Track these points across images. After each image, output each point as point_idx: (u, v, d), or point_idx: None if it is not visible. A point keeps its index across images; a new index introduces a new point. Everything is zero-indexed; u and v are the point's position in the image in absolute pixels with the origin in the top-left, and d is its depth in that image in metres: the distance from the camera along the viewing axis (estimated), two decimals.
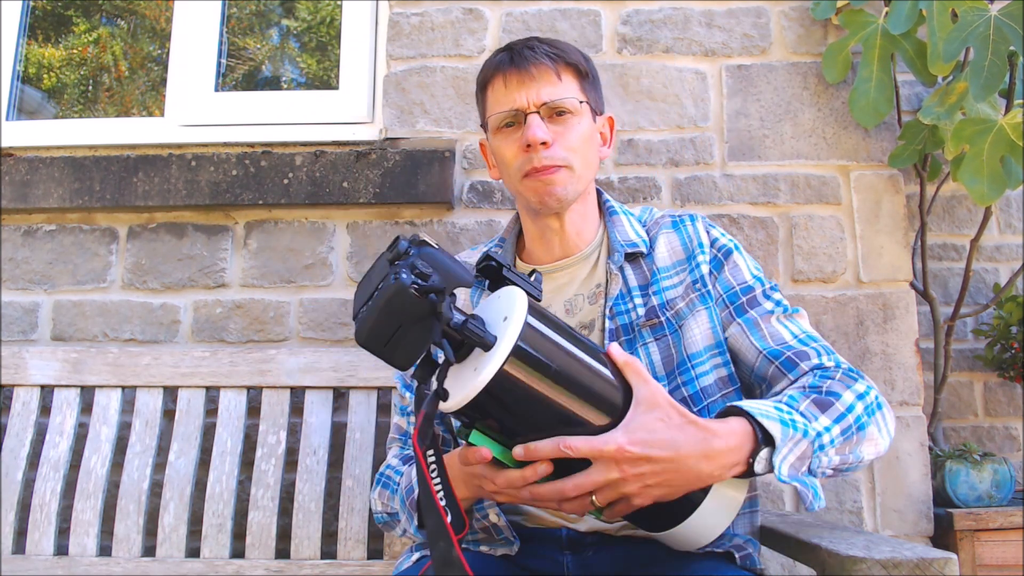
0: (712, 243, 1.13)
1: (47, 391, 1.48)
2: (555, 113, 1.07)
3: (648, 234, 1.15)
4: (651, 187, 1.66)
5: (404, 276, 0.77)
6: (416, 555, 1.09)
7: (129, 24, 2.12)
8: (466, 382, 0.79)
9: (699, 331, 1.06)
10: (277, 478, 1.41)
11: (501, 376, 0.78)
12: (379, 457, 1.32)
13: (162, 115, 1.84)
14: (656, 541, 1.05)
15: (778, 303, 1.08)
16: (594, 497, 0.83)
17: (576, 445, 0.81)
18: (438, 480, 0.83)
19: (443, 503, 0.82)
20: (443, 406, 0.80)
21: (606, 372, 0.86)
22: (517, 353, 0.79)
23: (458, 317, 0.79)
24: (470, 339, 0.79)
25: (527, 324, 0.80)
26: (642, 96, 1.70)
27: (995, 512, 1.49)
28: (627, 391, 0.86)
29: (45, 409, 1.48)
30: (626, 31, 1.72)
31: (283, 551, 1.40)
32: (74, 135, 1.79)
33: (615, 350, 0.89)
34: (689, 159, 1.67)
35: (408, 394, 1.17)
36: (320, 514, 1.39)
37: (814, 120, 1.67)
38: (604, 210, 1.18)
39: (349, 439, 1.43)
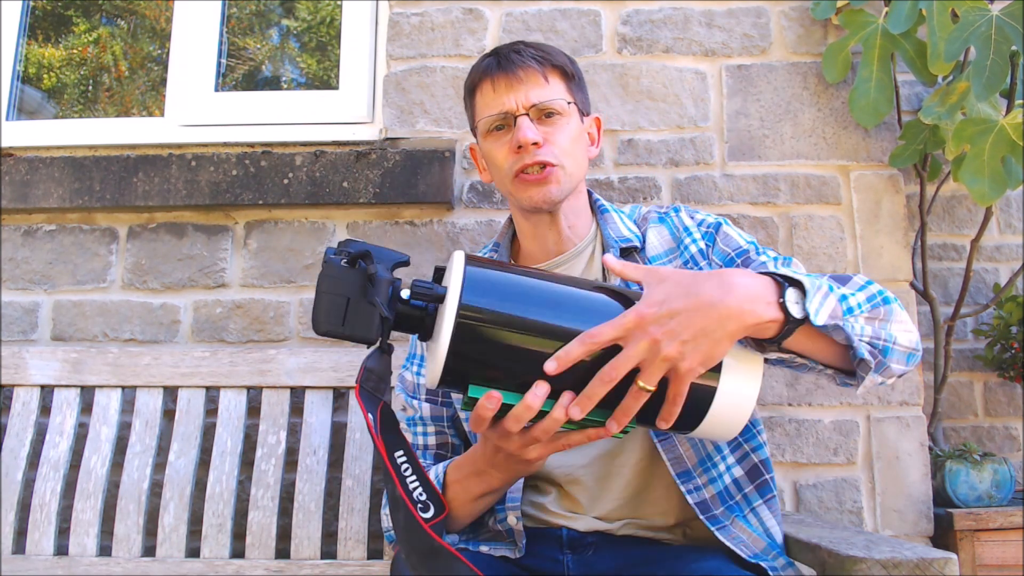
0: (699, 224, 1.15)
1: (47, 391, 1.48)
2: (544, 115, 1.09)
3: (639, 229, 1.17)
4: (651, 187, 1.66)
5: (331, 255, 0.82)
6: None
7: (129, 24, 2.12)
8: (438, 348, 0.79)
9: None
10: (277, 478, 1.41)
11: (463, 322, 0.77)
12: (379, 457, 1.32)
13: (162, 115, 1.84)
14: (657, 541, 1.06)
15: (775, 258, 1.09)
16: (641, 382, 0.79)
17: (598, 331, 0.79)
18: (409, 472, 0.85)
19: (415, 491, 0.84)
20: (426, 383, 0.82)
21: (588, 283, 0.86)
22: (471, 289, 0.78)
23: (403, 287, 0.81)
24: (422, 296, 0.80)
25: (469, 262, 0.80)
26: (642, 96, 1.70)
27: (995, 512, 1.49)
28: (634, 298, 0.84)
29: (45, 409, 1.48)
30: (626, 31, 1.72)
31: (283, 551, 1.40)
32: (74, 135, 1.79)
33: (609, 260, 0.89)
34: (689, 159, 1.67)
35: (416, 402, 1.17)
36: (320, 514, 1.39)
37: (814, 120, 1.67)
38: (595, 208, 1.20)
39: (349, 439, 1.43)
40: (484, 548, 1.06)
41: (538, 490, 1.10)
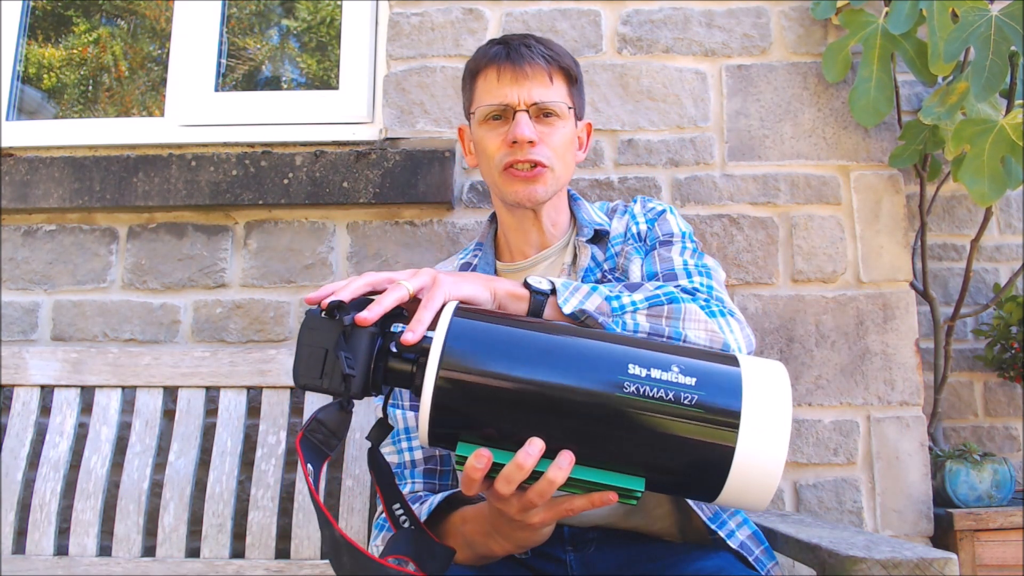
0: (647, 212, 1.19)
1: (47, 391, 1.48)
2: (543, 114, 1.09)
3: (608, 218, 1.21)
4: (651, 187, 1.66)
5: (313, 309, 0.79)
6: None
7: (129, 24, 2.12)
8: (423, 404, 0.74)
9: (634, 276, 1.10)
10: (277, 478, 1.41)
11: (446, 377, 0.73)
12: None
13: (162, 115, 1.84)
14: (658, 538, 1.06)
15: (694, 251, 1.12)
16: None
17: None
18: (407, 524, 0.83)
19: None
20: (420, 441, 0.77)
21: (581, 332, 0.81)
22: (455, 340, 0.74)
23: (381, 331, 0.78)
24: (407, 349, 0.77)
25: (458, 313, 0.77)
26: (642, 96, 1.70)
27: (995, 512, 1.49)
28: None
29: (45, 409, 1.48)
30: (626, 31, 1.72)
31: (283, 551, 1.40)
32: (74, 135, 1.79)
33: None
34: (689, 159, 1.67)
35: (399, 412, 1.12)
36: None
37: (814, 120, 1.67)
38: (571, 200, 1.23)
39: (349, 439, 1.43)
40: None
41: None
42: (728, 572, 0.93)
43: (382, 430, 0.85)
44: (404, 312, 0.82)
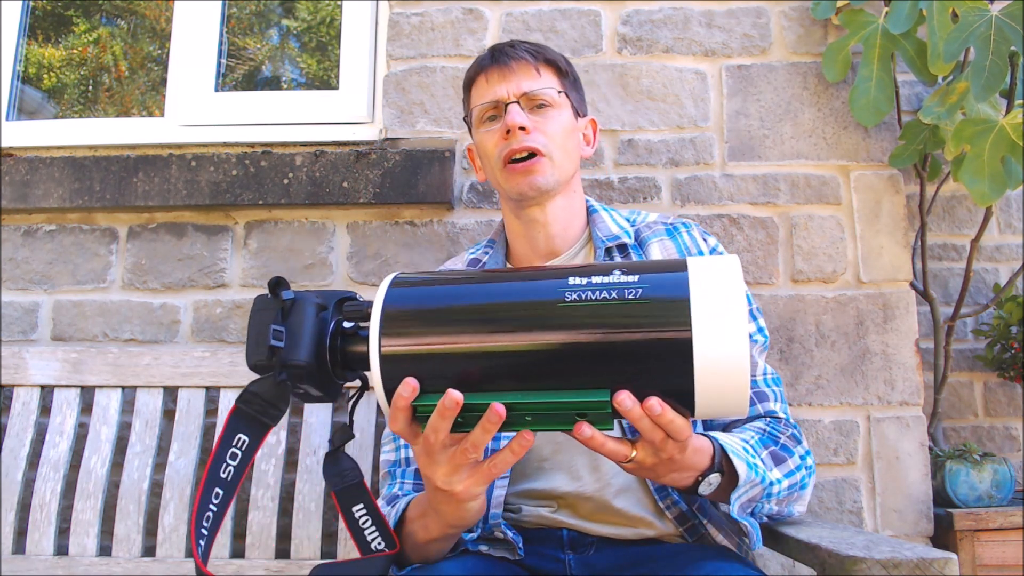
0: (712, 252, 1.14)
1: (47, 391, 1.48)
2: (535, 105, 1.09)
3: (638, 236, 1.15)
4: (651, 187, 1.66)
5: (262, 294, 0.80)
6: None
7: (129, 24, 2.12)
8: (374, 378, 0.74)
9: None
10: (277, 478, 1.41)
11: (389, 347, 0.71)
12: (379, 458, 1.32)
13: (162, 115, 1.84)
14: (658, 540, 1.05)
15: (760, 329, 1.12)
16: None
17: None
18: (368, 523, 0.86)
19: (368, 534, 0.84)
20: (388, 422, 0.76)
21: (521, 274, 0.78)
22: (392, 305, 0.72)
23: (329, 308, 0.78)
24: (353, 315, 0.78)
25: (395, 281, 0.76)
26: (642, 96, 1.69)
27: (995, 512, 1.49)
28: None
29: (45, 409, 1.48)
30: (626, 31, 1.72)
31: (283, 551, 1.40)
32: (74, 135, 1.79)
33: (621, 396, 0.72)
34: (689, 159, 1.67)
35: None
36: (320, 514, 1.39)
37: (814, 120, 1.67)
38: (588, 210, 1.19)
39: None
40: (484, 548, 1.06)
41: (540, 504, 1.09)
42: (725, 572, 0.93)
43: (343, 434, 0.85)
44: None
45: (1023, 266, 1.72)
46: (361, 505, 0.87)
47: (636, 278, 0.70)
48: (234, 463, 0.80)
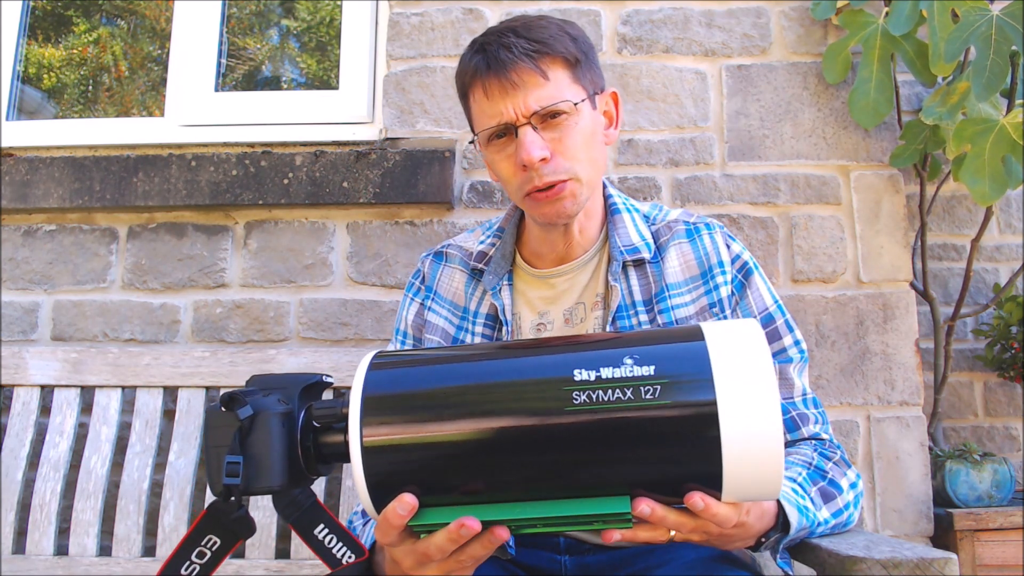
0: (733, 261, 1.06)
1: (47, 391, 1.48)
2: (548, 116, 0.96)
3: (657, 239, 1.08)
4: (651, 187, 1.66)
5: (213, 404, 0.74)
6: None
7: (129, 24, 2.12)
8: (354, 473, 0.68)
9: None
10: None
11: (371, 440, 0.65)
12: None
13: (162, 115, 1.84)
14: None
15: (796, 343, 1.05)
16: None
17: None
18: (332, 541, 0.81)
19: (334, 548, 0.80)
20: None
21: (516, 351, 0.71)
22: (372, 391, 0.66)
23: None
24: (325, 417, 0.71)
25: (374, 362, 0.69)
26: (642, 96, 1.69)
27: (995, 512, 1.49)
28: None
29: (45, 409, 1.48)
30: (626, 31, 1.72)
31: (283, 551, 1.40)
32: (74, 135, 1.79)
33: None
34: (689, 159, 1.67)
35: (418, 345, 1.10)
36: None
37: (814, 120, 1.67)
38: (608, 208, 1.10)
39: None
40: None
41: None
42: (722, 573, 0.92)
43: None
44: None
45: (1023, 266, 1.72)
46: (321, 525, 0.83)
47: (652, 370, 0.64)
48: (200, 561, 0.77)
